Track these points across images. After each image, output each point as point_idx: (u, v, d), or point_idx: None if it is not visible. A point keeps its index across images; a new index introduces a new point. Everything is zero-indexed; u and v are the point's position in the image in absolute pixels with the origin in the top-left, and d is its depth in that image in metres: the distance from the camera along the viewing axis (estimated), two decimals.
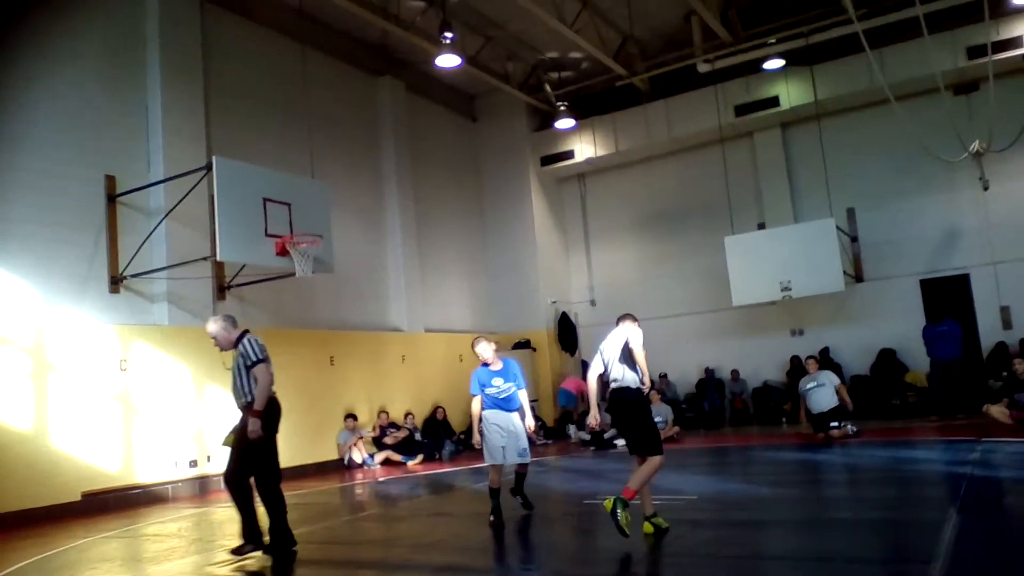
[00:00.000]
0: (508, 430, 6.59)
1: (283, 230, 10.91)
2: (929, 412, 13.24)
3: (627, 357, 5.55)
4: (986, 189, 12.32)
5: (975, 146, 12.82)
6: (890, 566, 4.68)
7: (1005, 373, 11.99)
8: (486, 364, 6.73)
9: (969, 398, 12.61)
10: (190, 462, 11.01)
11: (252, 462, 5.92)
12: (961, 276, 14.66)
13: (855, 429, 11.33)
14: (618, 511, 5.00)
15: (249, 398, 5.90)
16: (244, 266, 11.46)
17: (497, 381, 6.65)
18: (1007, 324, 14.13)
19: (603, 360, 5.78)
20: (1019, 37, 13.60)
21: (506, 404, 6.66)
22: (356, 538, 6.99)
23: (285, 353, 12.56)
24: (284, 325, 12.86)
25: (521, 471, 6.89)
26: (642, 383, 5.59)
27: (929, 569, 4.13)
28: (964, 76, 14.17)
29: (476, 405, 6.72)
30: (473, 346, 6.84)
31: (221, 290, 11.97)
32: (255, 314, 12.43)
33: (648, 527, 5.45)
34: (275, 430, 6.07)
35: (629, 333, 5.57)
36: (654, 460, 5.42)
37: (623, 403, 5.58)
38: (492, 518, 6.45)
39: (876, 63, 11.54)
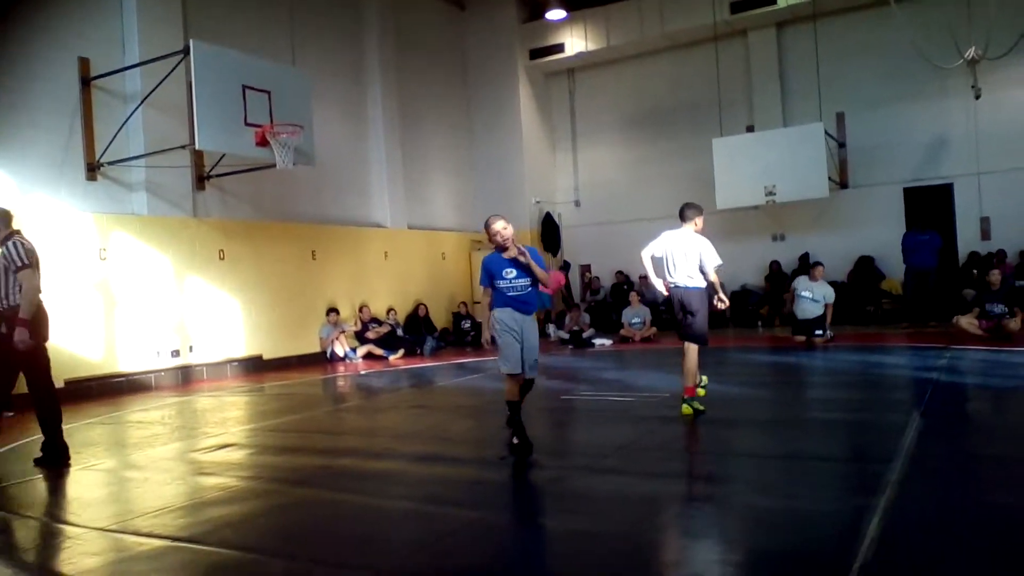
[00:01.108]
0: (524, 336, 5.31)
1: (263, 119, 10.67)
2: (903, 319, 13.50)
3: (697, 265, 6.31)
4: (978, 98, 12.18)
5: (971, 52, 12.59)
6: (852, 464, 4.86)
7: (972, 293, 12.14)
8: (501, 250, 5.35)
9: (943, 307, 12.85)
10: (172, 352, 11.10)
11: (20, 371, 5.63)
12: (945, 186, 14.66)
13: (831, 334, 11.58)
14: (694, 405, 6.18)
15: (8, 303, 5.52)
16: (224, 156, 11.25)
17: (510, 272, 5.29)
18: (985, 235, 14.25)
19: (666, 258, 6.44)
20: None
21: (523, 304, 5.35)
22: (337, 428, 7.14)
23: (267, 246, 12.54)
24: (266, 218, 12.74)
25: (524, 389, 5.51)
26: (711, 287, 6.41)
27: (888, 468, 4.29)
28: None
29: (486, 299, 5.48)
30: (488, 225, 5.41)
31: (200, 180, 11.78)
32: (235, 205, 12.30)
33: (687, 408, 6.23)
34: (44, 338, 5.72)
35: (703, 248, 6.30)
36: (695, 350, 6.32)
37: (690, 297, 6.32)
38: (514, 440, 5.26)
39: None
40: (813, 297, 11.61)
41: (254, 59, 10.92)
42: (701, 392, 6.52)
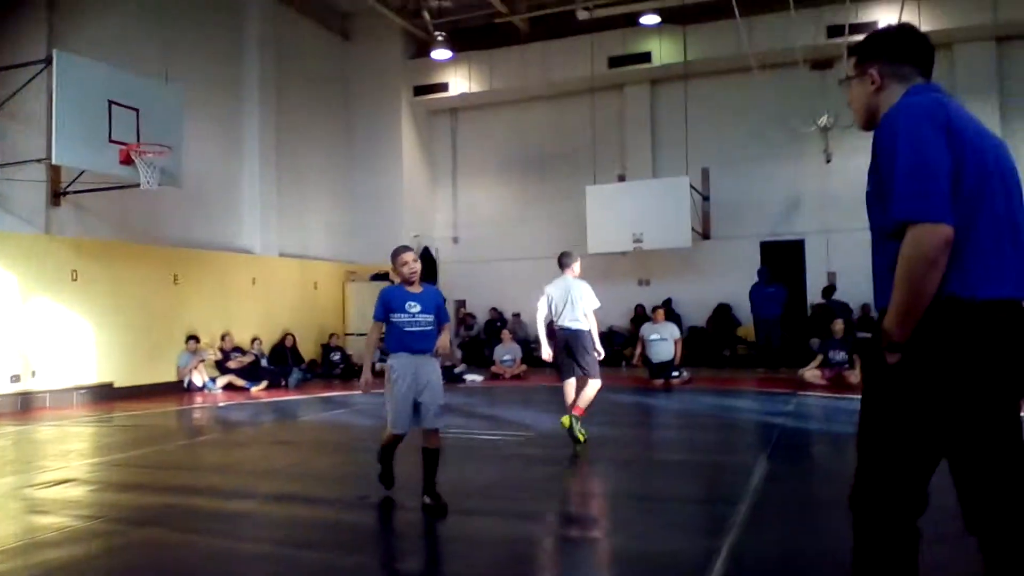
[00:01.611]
0: (422, 381, 4.73)
1: (129, 137, 10.24)
2: (756, 364, 14.30)
3: (582, 308, 6.94)
4: (828, 162, 13.26)
5: (824, 120, 13.74)
6: (702, 505, 5.09)
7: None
8: (407, 283, 4.84)
9: (791, 354, 13.73)
10: (12, 376, 10.30)
11: None
12: (798, 241, 15.75)
13: (687, 375, 12.17)
14: (575, 425, 6.59)
15: None
16: (83, 172, 10.66)
17: (414, 307, 4.75)
18: (832, 289, 15.37)
19: (551, 305, 7.08)
20: (875, 22, 14.43)
21: (420, 342, 4.76)
22: (190, 463, 6.81)
23: (126, 268, 11.92)
24: (126, 238, 12.10)
25: (433, 446, 4.77)
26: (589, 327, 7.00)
27: (735, 509, 4.53)
28: (822, 53, 14.89)
29: (374, 334, 4.93)
30: (396, 255, 4.87)
31: (56, 195, 11.08)
32: (94, 224, 11.62)
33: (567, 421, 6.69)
34: None
35: (585, 292, 6.94)
36: (598, 383, 6.90)
37: (577, 339, 6.91)
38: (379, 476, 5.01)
39: (745, 30, 12.02)
40: (662, 337, 12.15)
41: (123, 74, 10.49)
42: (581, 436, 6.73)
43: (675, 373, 11.97)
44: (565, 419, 6.66)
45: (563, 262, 7.16)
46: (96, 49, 11.05)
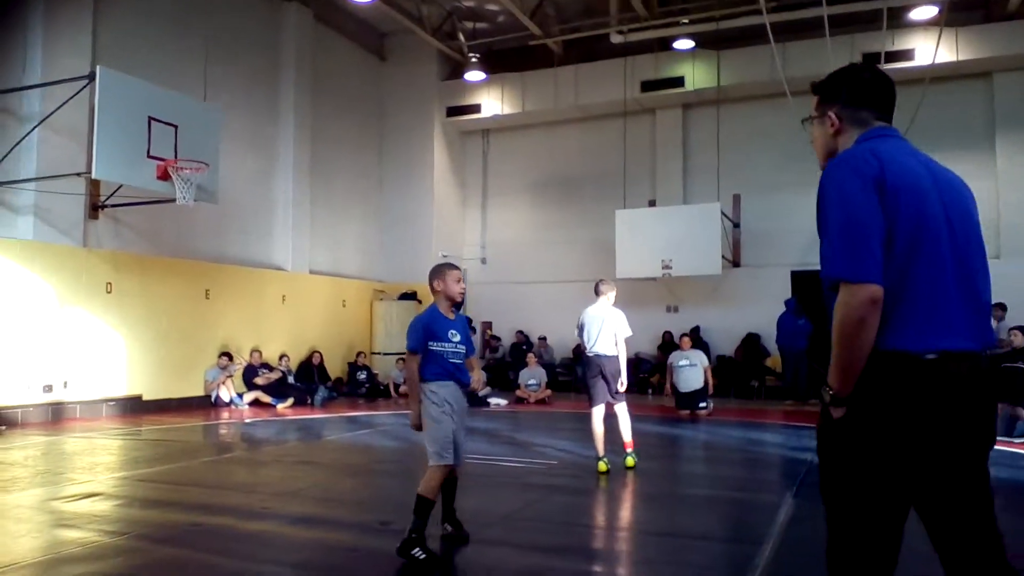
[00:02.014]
0: (461, 412, 4.51)
1: (167, 153, 10.41)
2: (785, 396, 14.10)
3: (613, 335, 7.09)
4: None
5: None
6: (726, 544, 5.00)
7: None
8: (456, 306, 4.63)
9: (819, 386, 13.50)
10: (44, 387, 10.47)
11: None
12: None
13: (711, 406, 12.03)
14: (629, 457, 7.11)
15: None
16: (121, 186, 10.86)
17: (455, 336, 4.47)
18: None
19: (585, 332, 7.17)
20: (911, 50, 14.36)
21: (465, 374, 4.54)
22: (215, 481, 6.85)
23: (159, 282, 12.10)
24: (160, 252, 12.30)
25: (455, 474, 4.64)
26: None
27: (760, 549, 4.46)
28: None
29: (415, 365, 4.45)
30: (443, 274, 4.55)
31: (94, 208, 11.33)
32: (130, 237, 11.84)
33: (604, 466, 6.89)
34: None
35: (618, 320, 7.11)
36: (625, 406, 7.22)
37: (613, 365, 7.09)
38: (418, 553, 4.14)
39: (779, 56, 12.00)
40: (691, 363, 12.00)
41: (163, 91, 10.70)
42: (603, 467, 6.91)
43: (702, 404, 11.81)
44: (602, 465, 6.88)
45: (599, 289, 7.28)
46: (137, 65, 11.32)
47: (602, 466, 6.84)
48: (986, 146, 14.46)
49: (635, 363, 16.26)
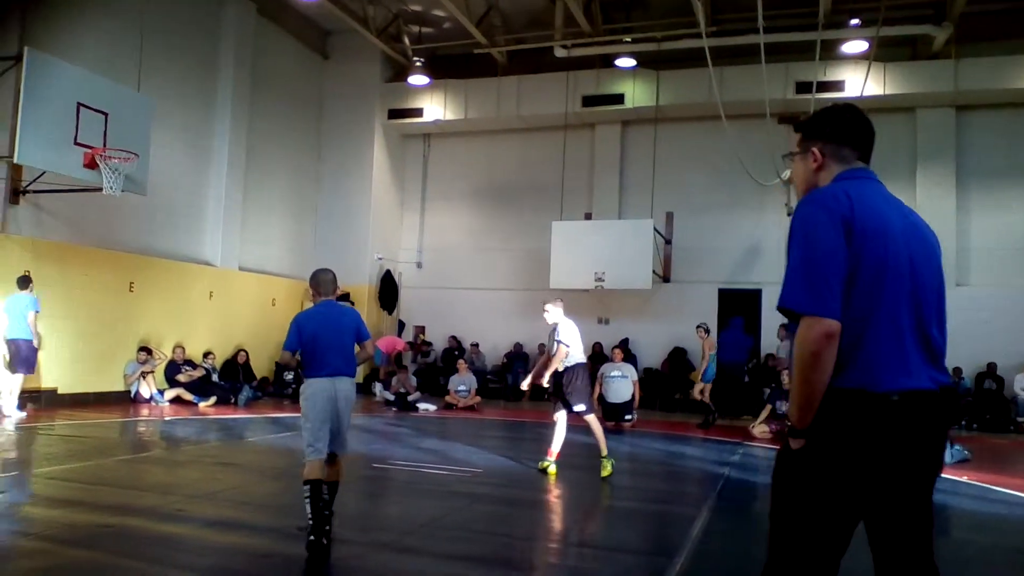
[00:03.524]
0: (337, 404, 4.78)
1: (96, 141, 10.12)
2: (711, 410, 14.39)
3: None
4: (790, 215, 13.53)
5: (787, 174, 14.05)
6: (640, 556, 5.12)
7: (773, 384, 13.26)
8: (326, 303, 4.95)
9: (746, 401, 13.91)
10: None
11: None
12: (755, 291, 16.02)
13: (636, 417, 12.24)
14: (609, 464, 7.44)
15: None
16: (44, 172, 10.48)
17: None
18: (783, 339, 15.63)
19: (577, 340, 7.74)
20: (842, 81, 14.96)
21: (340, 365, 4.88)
22: (129, 481, 6.67)
23: (81, 272, 11.72)
24: (83, 242, 11.89)
25: (334, 477, 4.87)
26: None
27: (672, 562, 4.58)
28: (790, 108, 15.29)
29: (289, 361, 4.90)
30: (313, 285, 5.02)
31: (15, 193, 10.89)
32: (52, 225, 11.43)
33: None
34: None
35: (563, 329, 7.64)
36: (594, 419, 7.70)
37: (581, 374, 7.66)
38: (311, 536, 4.43)
39: (716, 79, 12.32)
40: (622, 374, 12.23)
41: (95, 76, 10.39)
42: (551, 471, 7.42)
43: (628, 416, 12.02)
44: (549, 468, 7.47)
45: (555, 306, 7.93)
46: (69, 52, 10.95)
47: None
48: (908, 178, 15.10)
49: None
